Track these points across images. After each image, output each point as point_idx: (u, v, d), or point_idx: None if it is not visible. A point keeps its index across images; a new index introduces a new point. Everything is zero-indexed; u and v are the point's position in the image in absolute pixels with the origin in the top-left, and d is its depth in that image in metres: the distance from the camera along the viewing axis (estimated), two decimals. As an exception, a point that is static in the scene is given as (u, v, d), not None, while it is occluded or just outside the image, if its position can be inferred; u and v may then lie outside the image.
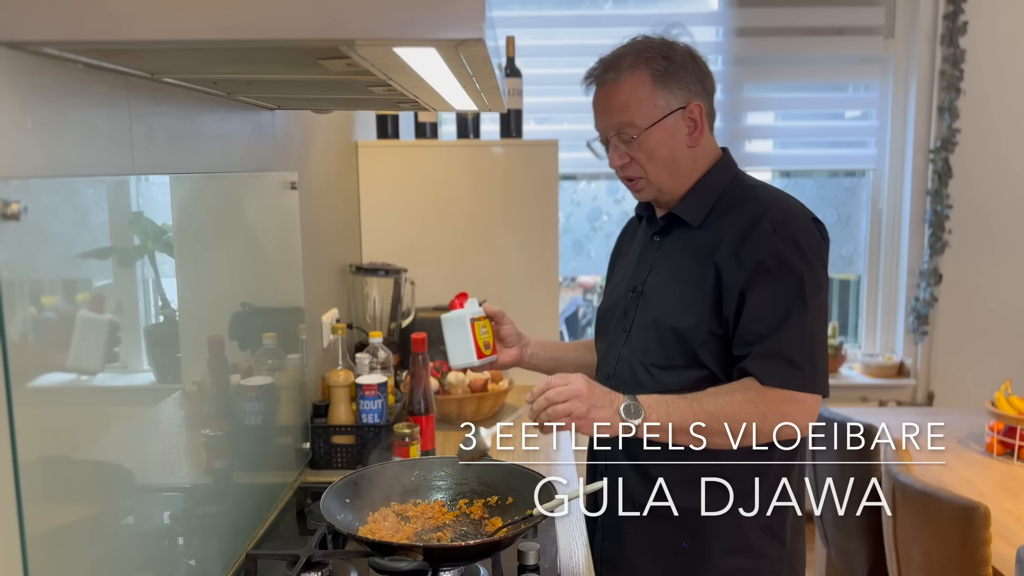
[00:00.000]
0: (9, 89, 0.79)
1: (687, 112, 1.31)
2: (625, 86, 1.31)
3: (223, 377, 1.33)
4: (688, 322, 1.29)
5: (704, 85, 1.34)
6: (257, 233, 1.51)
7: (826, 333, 1.32)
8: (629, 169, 1.35)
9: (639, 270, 1.43)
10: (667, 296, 1.35)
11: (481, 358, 1.45)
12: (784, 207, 1.30)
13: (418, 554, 1.13)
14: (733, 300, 1.26)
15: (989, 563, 1.75)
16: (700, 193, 1.36)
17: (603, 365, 1.45)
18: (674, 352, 1.31)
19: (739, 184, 1.37)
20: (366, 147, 2.45)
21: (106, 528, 0.97)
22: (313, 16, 0.72)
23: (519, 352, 1.53)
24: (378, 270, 2.29)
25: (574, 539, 1.45)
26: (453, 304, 1.47)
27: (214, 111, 1.32)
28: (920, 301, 3.24)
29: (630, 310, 1.40)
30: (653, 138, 1.31)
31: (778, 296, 1.25)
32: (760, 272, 1.25)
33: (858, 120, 3.34)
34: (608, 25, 3.20)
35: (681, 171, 1.34)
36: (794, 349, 1.24)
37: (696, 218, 1.35)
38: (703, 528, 1.30)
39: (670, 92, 1.30)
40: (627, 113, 1.31)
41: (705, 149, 1.36)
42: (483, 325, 1.47)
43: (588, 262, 3.51)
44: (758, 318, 1.25)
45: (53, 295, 0.87)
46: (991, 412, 2.31)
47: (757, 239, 1.26)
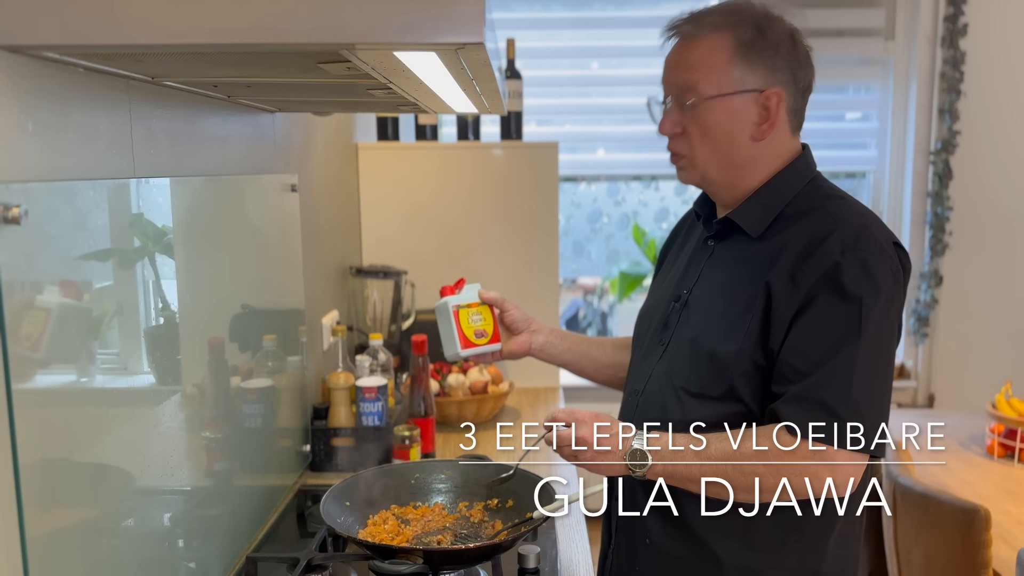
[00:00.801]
0: (10, 92, 0.80)
1: (763, 97, 1.13)
2: (702, 45, 1.14)
3: (223, 379, 1.33)
4: (729, 348, 1.13)
5: (795, 75, 1.15)
6: (257, 235, 1.51)
7: (886, 382, 1.11)
8: (677, 143, 1.19)
9: (687, 276, 1.27)
10: (710, 314, 1.19)
11: (468, 348, 1.33)
12: (861, 225, 1.10)
13: (418, 557, 1.13)
14: (782, 329, 1.09)
15: (990, 566, 1.75)
16: (765, 197, 1.17)
17: (633, 379, 1.29)
18: (708, 380, 1.15)
19: (813, 192, 1.18)
20: (366, 149, 2.45)
21: (106, 530, 0.97)
22: (313, 20, 0.72)
23: (528, 339, 1.38)
24: (378, 272, 2.29)
25: (574, 542, 1.45)
26: (444, 291, 1.37)
27: (214, 114, 1.32)
28: (921, 303, 3.24)
29: (671, 321, 1.24)
30: (713, 113, 1.13)
31: (830, 327, 1.07)
32: (816, 298, 1.07)
33: (858, 122, 3.34)
34: (609, 27, 3.20)
35: (735, 164, 1.17)
36: (836, 394, 1.05)
37: (756, 227, 1.17)
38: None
39: (750, 68, 1.12)
40: (694, 74, 1.13)
41: (776, 149, 1.18)
42: (476, 312, 1.35)
43: (588, 264, 3.51)
44: (802, 351, 1.08)
45: (54, 297, 0.87)
46: (992, 414, 2.31)
47: (819, 259, 1.08)
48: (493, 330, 1.36)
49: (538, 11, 3.18)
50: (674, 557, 1.20)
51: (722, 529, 1.16)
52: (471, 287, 1.37)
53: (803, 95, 1.18)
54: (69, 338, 0.89)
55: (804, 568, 1.18)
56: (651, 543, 1.23)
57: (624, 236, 3.41)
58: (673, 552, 1.20)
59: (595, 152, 3.28)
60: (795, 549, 1.17)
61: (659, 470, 1.12)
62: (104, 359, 0.98)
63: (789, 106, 1.16)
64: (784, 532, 1.15)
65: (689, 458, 1.10)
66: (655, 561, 1.23)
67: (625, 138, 3.25)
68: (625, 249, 3.44)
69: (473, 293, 1.37)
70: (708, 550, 1.17)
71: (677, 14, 1.18)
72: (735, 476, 1.09)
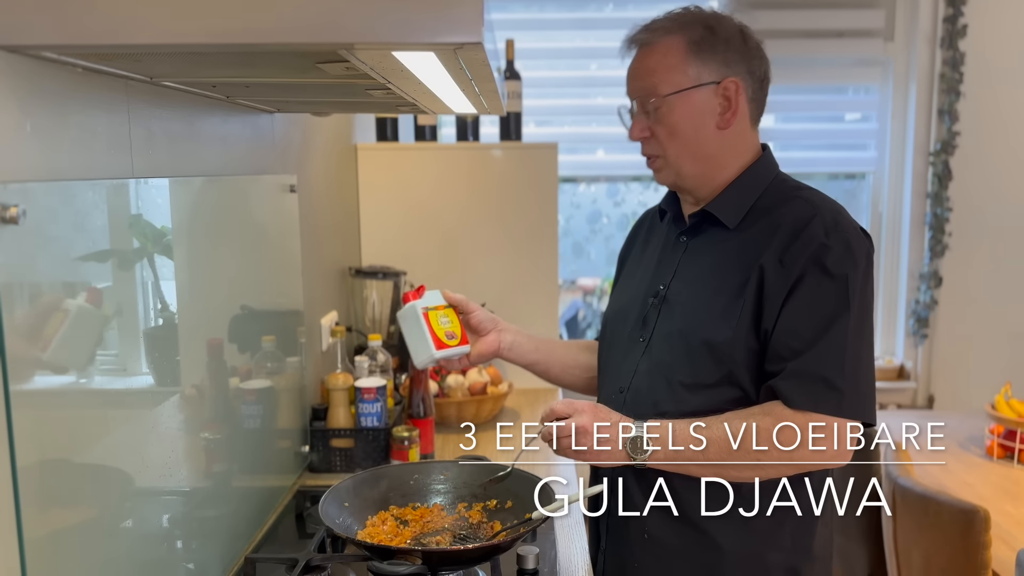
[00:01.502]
0: (8, 93, 0.79)
1: (721, 88, 1.19)
2: (657, 50, 1.20)
3: (222, 380, 1.33)
4: (724, 335, 1.16)
5: (750, 65, 1.21)
6: (256, 236, 1.51)
7: (872, 354, 1.17)
8: (648, 145, 1.25)
9: (660, 273, 1.30)
10: (697, 305, 1.22)
11: (442, 349, 1.30)
12: (836, 210, 1.18)
13: (417, 558, 1.13)
14: (775, 311, 1.14)
15: (989, 567, 1.75)
16: (738, 191, 1.23)
17: (614, 377, 1.31)
18: (704, 368, 1.18)
19: (782, 185, 1.24)
20: (365, 150, 2.45)
21: (105, 532, 0.97)
22: (312, 20, 0.72)
23: (496, 339, 1.37)
24: (377, 273, 2.29)
25: (573, 543, 1.45)
26: (406, 297, 1.34)
27: (213, 114, 1.32)
28: (920, 304, 3.24)
29: (650, 318, 1.27)
30: (677, 110, 1.19)
31: (820, 304, 1.12)
32: (804, 278, 1.13)
33: (858, 123, 3.33)
34: (608, 28, 3.20)
35: (705, 155, 1.22)
36: (832, 368, 1.11)
37: (733, 219, 1.22)
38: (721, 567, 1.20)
39: (703, 63, 1.18)
40: (653, 78, 1.20)
41: (743, 139, 1.23)
42: (444, 314, 1.33)
43: (588, 264, 3.50)
44: (794, 330, 1.13)
45: (52, 298, 0.87)
46: (991, 415, 2.31)
47: (806, 241, 1.13)
48: (461, 332, 1.35)
49: (537, 12, 3.18)
50: (674, 549, 1.22)
51: (722, 517, 1.17)
52: (433, 292, 1.35)
53: (760, 85, 1.24)
54: (68, 339, 0.89)
55: (797, 546, 1.22)
56: (649, 537, 1.24)
57: (624, 237, 3.39)
58: (673, 544, 1.22)
59: (594, 153, 3.28)
60: (790, 528, 1.20)
61: (661, 455, 1.13)
62: (103, 360, 0.98)
63: (748, 95, 1.21)
64: (783, 513, 1.18)
65: (691, 442, 1.12)
66: (653, 555, 1.23)
67: (624, 139, 3.18)
68: (625, 250, 3.43)
69: (437, 296, 1.35)
70: (709, 539, 1.19)
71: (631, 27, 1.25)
72: (739, 454, 1.11)
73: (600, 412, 1.16)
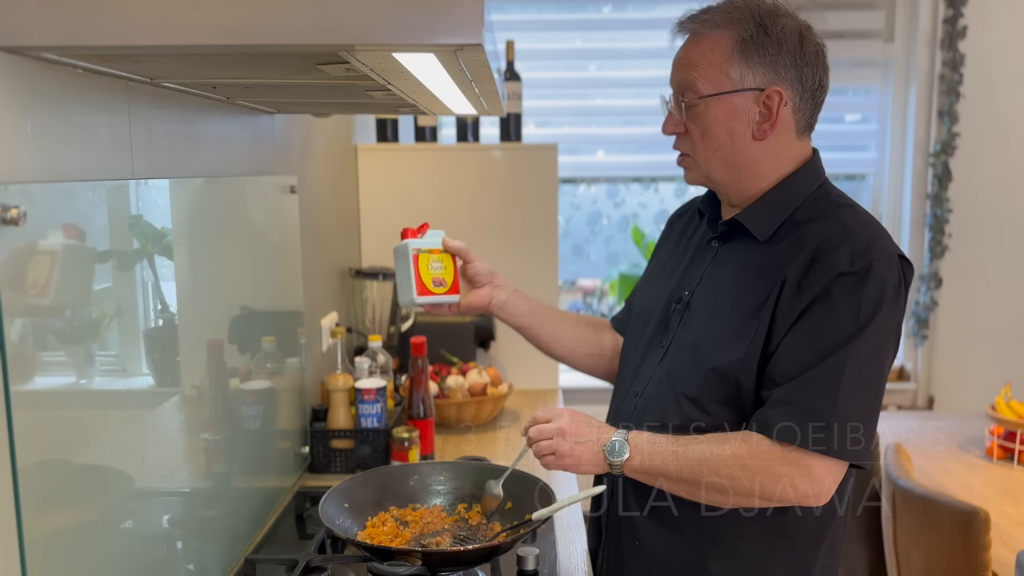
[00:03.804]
0: (9, 94, 0.80)
1: (763, 96, 1.10)
2: (703, 43, 1.12)
3: (222, 381, 1.33)
4: (733, 356, 1.10)
5: (802, 73, 1.11)
6: (257, 237, 1.51)
7: (876, 394, 1.08)
8: (681, 142, 1.18)
9: (688, 276, 1.24)
10: (713, 319, 1.16)
11: (424, 295, 1.26)
12: (870, 237, 1.08)
13: (417, 559, 1.13)
14: (781, 335, 1.08)
15: (989, 568, 1.75)
16: (772, 202, 1.15)
17: (631, 379, 1.27)
18: (710, 386, 1.13)
19: (823, 198, 1.15)
20: (365, 151, 2.45)
21: (105, 533, 0.97)
22: (312, 21, 0.72)
23: (489, 293, 1.32)
24: (377, 274, 2.29)
25: (573, 543, 1.45)
26: (405, 233, 1.29)
27: (213, 115, 1.32)
28: (920, 305, 3.24)
29: (672, 323, 1.22)
30: (712, 112, 1.11)
31: (825, 331, 1.05)
32: (815, 303, 1.05)
33: (858, 124, 3.34)
34: (608, 29, 3.20)
35: (738, 163, 1.14)
36: (823, 399, 1.03)
37: (764, 231, 1.14)
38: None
39: (749, 66, 1.09)
40: (693, 72, 1.12)
41: (783, 150, 1.15)
42: (439, 259, 1.28)
43: (588, 265, 3.50)
44: (792, 356, 1.06)
45: (37, 244, 0.86)
46: (991, 416, 2.31)
47: (825, 268, 1.05)
48: (453, 280, 1.30)
49: (537, 13, 3.18)
50: (662, 561, 1.20)
51: (712, 537, 1.16)
52: (435, 233, 1.31)
53: (812, 95, 1.14)
54: (68, 339, 0.89)
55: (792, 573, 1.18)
56: (640, 545, 1.23)
57: (624, 238, 3.41)
58: (662, 556, 1.20)
59: (595, 154, 3.28)
60: (783, 559, 1.16)
61: (636, 464, 1.12)
62: (103, 360, 0.98)
63: (794, 106, 1.12)
64: (773, 541, 1.15)
65: (666, 457, 1.10)
66: (643, 564, 1.23)
67: (624, 140, 3.25)
68: (625, 251, 3.44)
69: (437, 239, 1.31)
70: (697, 557, 1.17)
71: (684, 12, 1.16)
72: (710, 477, 1.08)
73: (580, 417, 1.17)
